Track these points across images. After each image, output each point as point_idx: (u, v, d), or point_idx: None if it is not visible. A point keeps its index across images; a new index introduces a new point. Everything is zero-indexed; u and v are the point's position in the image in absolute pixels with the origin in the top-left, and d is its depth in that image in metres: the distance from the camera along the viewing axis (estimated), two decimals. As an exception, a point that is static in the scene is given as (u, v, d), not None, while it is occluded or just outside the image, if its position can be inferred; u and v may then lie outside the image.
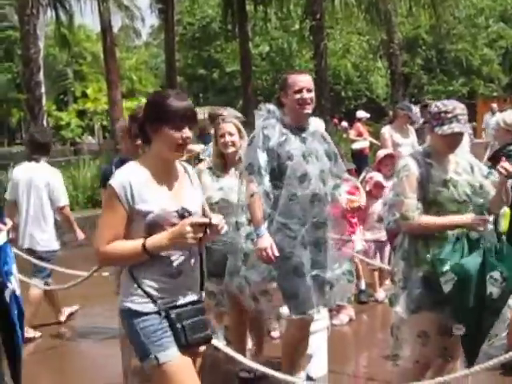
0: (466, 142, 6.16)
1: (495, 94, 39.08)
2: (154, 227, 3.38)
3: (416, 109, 10.26)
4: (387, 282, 8.06)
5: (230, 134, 5.64)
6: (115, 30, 32.97)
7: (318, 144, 5.14)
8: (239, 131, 5.71)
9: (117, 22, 35.73)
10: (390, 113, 14.05)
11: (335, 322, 7.09)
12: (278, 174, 5.03)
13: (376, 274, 8.19)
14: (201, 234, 3.34)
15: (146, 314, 3.40)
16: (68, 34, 32.30)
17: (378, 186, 8.09)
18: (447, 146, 4.32)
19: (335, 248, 5.19)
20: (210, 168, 5.77)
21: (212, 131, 6.48)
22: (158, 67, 47.37)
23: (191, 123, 3.44)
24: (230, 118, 5.85)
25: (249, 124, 6.09)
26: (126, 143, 6.32)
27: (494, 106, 15.43)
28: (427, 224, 4.24)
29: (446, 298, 4.14)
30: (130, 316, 3.43)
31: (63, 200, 7.41)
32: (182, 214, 3.41)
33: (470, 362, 4.19)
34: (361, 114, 17.31)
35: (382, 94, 36.24)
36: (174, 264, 3.43)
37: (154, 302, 3.40)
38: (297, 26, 33.82)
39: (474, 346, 4.21)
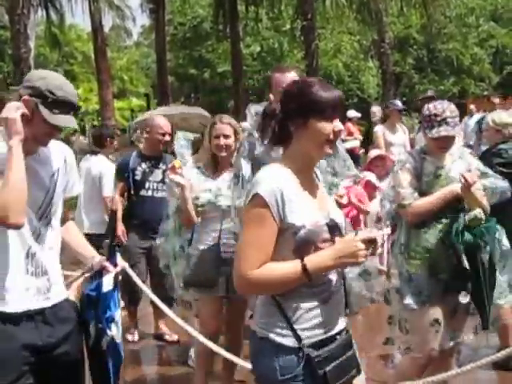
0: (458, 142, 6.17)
1: (486, 92, 39.14)
2: (304, 245, 2.82)
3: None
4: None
5: (226, 137, 5.31)
6: (106, 29, 32.95)
7: None
8: (236, 133, 5.37)
9: (108, 21, 35.79)
10: (373, 110, 13.98)
11: None
12: None
13: None
14: (369, 252, 2.80)
15: (289, 349, 2.83)
16: (59, 34, 32.28)
17: (369, 186, 8.10)
18: (437, 147, 4.43)
19: None
20: (198, 167, 5.47)
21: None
22: (149, 67, 47.31)
23: (341, 114, 2.99)
24: (228, 119, 5.46)
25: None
26: (150, 140, 6.85)
27: (472, 107, 15.42)
28: (421, 205, 4.35)
29: (449, 283, 4.23)
30: (270, 349, 2.88)
31: (108, 191, 7.79)
32: (333, 228, 2.90)
33: (485, 325, 4.35)
34: (351, 113, 17.32)
35: (374, 94, 36.22)
36: (327, 286, 2.91)
37: (297, 336, 2.83)
38: (288, 26, 33.80)
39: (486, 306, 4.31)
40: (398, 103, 10.08)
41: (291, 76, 5.02)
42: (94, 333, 3.52)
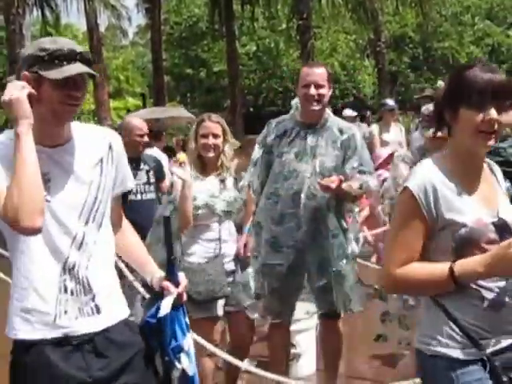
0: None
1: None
2: (465, 245, 2.53)
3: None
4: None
5: (215, 136, 4.93)
6: (102, 29, 32.89)
7: (323, 140, 4.93)
8: (224, 133, 4.99)
9: (103, 21, 35.65)
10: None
11: None
12: (268, 170, 5.05)
13: None
14: None
15: (468, 362, 2.50)
16: (54, 34, 32.20)
17: None
18: (435, 147, 4.34)
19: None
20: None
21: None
22: (144, 67, 47.19)
23: (499, 100, 2.52)
24: (218, 117, 5.06)
25: (235, 124, 6.04)
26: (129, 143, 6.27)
27: (417, 121, 15.10)
28: None
29: None
30: (445, 366, 2.52)
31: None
32: (501, 228, 2.57)
33: None
34: (347, 112, 17.31)
35: (370, 93, 36.26)
36: (496, 292, 2.54)
37: (478, 345, 2.50)
38: (284, 26, 33.79)
39: None
40: (390, 102, 10.05)
41: (319, 71, 4.95)
42: (161, 367, 2.89)
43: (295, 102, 5.19)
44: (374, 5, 28.29)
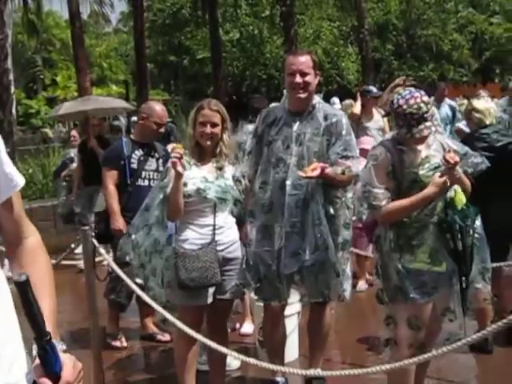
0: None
1: (465, 78, 39.31)
2: None
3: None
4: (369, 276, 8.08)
5: (213, 125, 4.85)
6: (84, 16, 32.74)
7: (309, 126, 4.92)
8: (223, 121, 4.90)
9: (86, 8, 35.45)
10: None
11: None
12: (259, 159, 5.06)
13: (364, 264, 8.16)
14: None
15: None
16: (36, 21, 31.99)
17: None
18: (415, 143, 4.29)
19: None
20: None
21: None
22: (128, 54, 47.07)
23: None
24: (218, 105, 4.94)
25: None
26: (146, 127, 6.42)
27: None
28: (395, 208, 4.20)
29: (449, 268, 4.22)
30: None
31: None
32: None
33: (467, 306, 4.32)
34: (335, 100, 17.34)
35: (353, 80, 36.24)
36: None
37: None
38: (267, 13, 33.76)
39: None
40: (374, 89, 9.98)
41: (304, 59, 4.94)
42: None
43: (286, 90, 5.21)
44: (358, -9, 28.25)
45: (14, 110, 22.20)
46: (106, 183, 6.46)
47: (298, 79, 4.86)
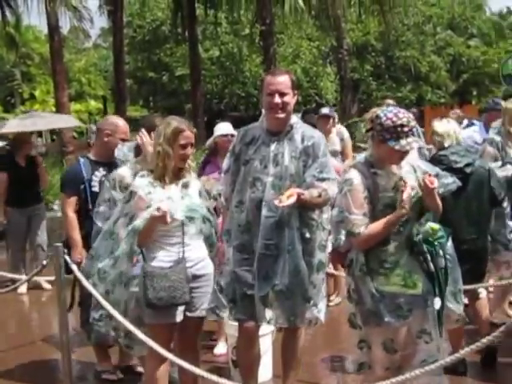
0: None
1: (443, 100, 39.61)
2: None
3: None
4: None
5: (191, 146, 4.81)
6: (64, 31, 32.66)
7: (286, 146, 4.88)
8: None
9: (66, 23, 35.37)
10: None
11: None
12: (236, 178, 5.01)
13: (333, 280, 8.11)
14: None
15: None
16: (15, 35, 31.85)
17: None
18: (398, 158, 4.25)
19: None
20: (142, 175, 4.83)
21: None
22: (107, 70, 46.95)
23: None
24: (191, 126, 4.89)
25: (197, 128, 5.91)
26: (109, 143, 5.88)
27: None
28: (371, 233, 4.16)
29: (423, 290, 4.20)
30: None
31: None
32: None
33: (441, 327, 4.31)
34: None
35: (332, 100, 36.42)
36: None
37: None
38: (247, 31, 33.86)
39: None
40: (324, 110, 9.63)
41: (282, 79, 4.88)
42: None
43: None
44: (337, 12, 28.42)
45: (-10, 124, 22.02)
46: (66, 211, 5.96)
47: (277, 99, 4.82)
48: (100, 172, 5.94)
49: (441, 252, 4.21)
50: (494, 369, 5.97)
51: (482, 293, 6.11)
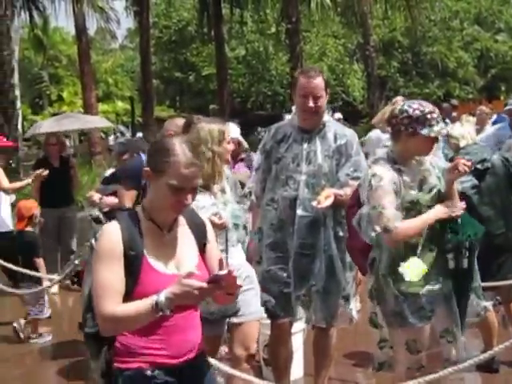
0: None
1: (471, 96, 39.32)
2: None
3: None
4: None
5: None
6: (91, 32, 32.89)
7: (319, 145, 4.87)
8: None
9: (92, 24, 35.62)
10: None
11: None
12: (267, 176, 5.01)
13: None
14: None
15: None
16: (43, 37, 32.12)
17: None
18: (430, 147, 4.23)
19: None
20: None
21: None
22: (134, 70, 47.19)
23: None
24: None
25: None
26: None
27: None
28: (407, 229, 4.09)
29: (430, 301, 4.15)
30: None
31: None
32: None
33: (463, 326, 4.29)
34: (337, 115, 17.39)
35: (359, 97, 36.32)
36: None
37: None
38: (273, 29, 33.83)
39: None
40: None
41: (317, 81, 4.83)
42: None
43: (294, 107, 5.16)
44: (363, 8, 28.31)
45: (19, 126, 22.23)
46: (123, 203, 5.79)
47: (311, 103, 4.79)
48: None
49: (466, 252, 4.17)
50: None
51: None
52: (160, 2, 38.15)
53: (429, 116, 4.11)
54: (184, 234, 3.04)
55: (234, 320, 4.70)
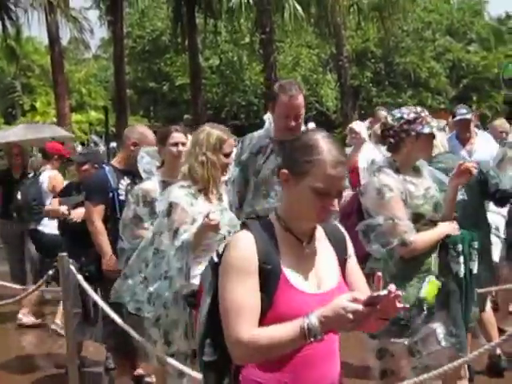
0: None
1: (443, 106, 39.64)
2: None
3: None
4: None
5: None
6: (64, 42, 32.70)
7: None
8: None
9: (66, 34, 35.46)
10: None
11: None
12: (245, 188, 4.94)
13: None
14: None
15: None
16: (16, 47, 31.90)
17: None
18: (430, 146, 4.28)
19: None
20: (182, 186, 4.49)
21: None
22: (107, 80, 47.01)
23: None
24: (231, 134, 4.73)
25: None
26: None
27: None
28: (425, 243, 4.04)
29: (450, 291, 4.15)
30: None
31: None
32: None
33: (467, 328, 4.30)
34: (311, 125, 17.41)
35: (332, 107, 36.48)
36: None
37: None
38: (247, 40, 33.92)
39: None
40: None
41: (299, 101, 4.79)
42: None
43: (268, 116, 5.10)
44: (336, 19, 28.47)
45: (-8, 136, 22.03)
46: (93, 219, 5.71)
47: (294, 123, 4.76)
48: (125, 180, 5.74)
49: (476, 256, 4.17)
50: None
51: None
52: (134, 11, 38.03)
53: (422, 114, 4.15)
54: (324, 247, 2.62)
55: None
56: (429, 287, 4.02)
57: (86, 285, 5.20)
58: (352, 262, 2.69)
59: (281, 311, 2.39)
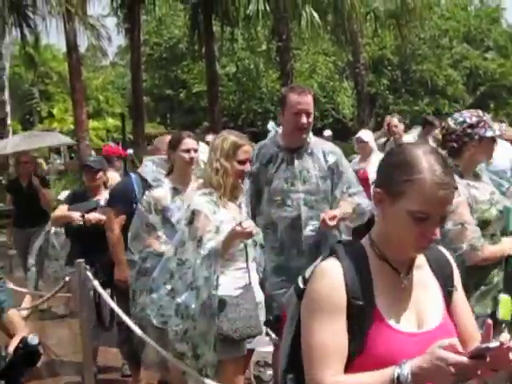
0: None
1: (460, 113, 39.46)
2: None
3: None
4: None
5: (250, 162, 4.67)
6: (82, 49, 32.84)
7: (310, 162, 4.83)
8: None
9: (83, 41, 35.63)
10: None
11: None
12: (258, 199, 4.91)
13: None
14: None
15: None
16: (34, 54, 32.09)
17: None
18: (492, 150, 4.22)
19: None
20: (205, 193, 4.42)
21: None
22: (124, 87, 47.19)
23: None
24: (249, 141, 4.71)
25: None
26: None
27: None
28: (491, 254, 3.94)
29: None
30: None
31: None
32: None
33: None
34: (326, 132, 17.58)
35: (349, 114, 36.41)
36: None
37: None
38: (263, 47, 33.93)
39: None
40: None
41: (309, 99, 4.80)
42: None
43: (272, 125, 5.11)
44: (353, 27, 28.43)
45: (10, 142, 22.14)
46: (113, 228, 5.66)
47: (305, 120, 4.76)
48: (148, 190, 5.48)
49: None
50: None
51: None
52: (151, 19, 38.17)
53: (484, 118, 4.13)
54: (425, 277, 2.28)
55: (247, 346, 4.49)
56: (505, 307, 3.89)
57: (102, 291, 5.22)
58: (459, 296, 2.35)
59: (374, 355, 2.09)
